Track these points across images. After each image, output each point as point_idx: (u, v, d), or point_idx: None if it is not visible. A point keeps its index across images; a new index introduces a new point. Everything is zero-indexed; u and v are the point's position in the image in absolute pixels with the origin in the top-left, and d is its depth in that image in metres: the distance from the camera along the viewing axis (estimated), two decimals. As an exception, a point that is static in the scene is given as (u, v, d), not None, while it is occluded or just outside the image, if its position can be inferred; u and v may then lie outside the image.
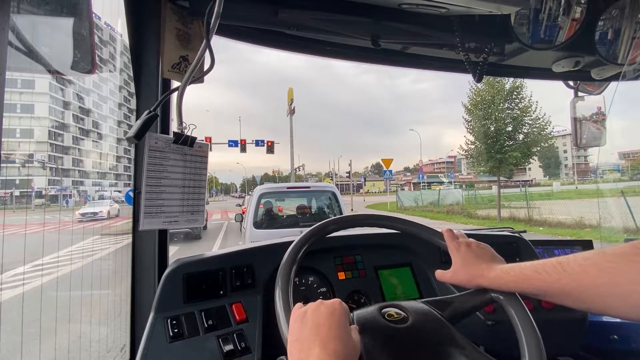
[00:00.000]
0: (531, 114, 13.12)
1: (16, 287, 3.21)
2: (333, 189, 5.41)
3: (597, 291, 0.43)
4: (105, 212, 8.20)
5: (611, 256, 0.43)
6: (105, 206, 8.65)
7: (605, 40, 1.00)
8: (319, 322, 0.44)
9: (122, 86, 9.03)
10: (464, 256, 0.62)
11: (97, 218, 7.82)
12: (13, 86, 0.58)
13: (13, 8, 0.55)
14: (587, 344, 1.07)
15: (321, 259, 0.99)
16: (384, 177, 24.01)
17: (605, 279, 0.42)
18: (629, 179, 33.66)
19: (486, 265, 0.59)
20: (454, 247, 0.64)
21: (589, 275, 0.44)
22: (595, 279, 0.43)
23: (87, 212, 7.99)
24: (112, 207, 8.72)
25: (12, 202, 6.31)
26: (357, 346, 0.45)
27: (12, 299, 2.90)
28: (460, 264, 0.62)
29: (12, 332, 1.75)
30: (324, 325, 0.43)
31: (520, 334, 0.52)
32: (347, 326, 0.45)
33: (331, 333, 0.42)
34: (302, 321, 0.45)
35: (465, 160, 42.15)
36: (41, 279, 3.25)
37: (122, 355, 1.11)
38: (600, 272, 0.43)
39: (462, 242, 0.65)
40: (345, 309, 0.47)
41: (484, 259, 0.60)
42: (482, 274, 0.58)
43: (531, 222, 11.83)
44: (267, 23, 0.90)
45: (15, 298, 2.90)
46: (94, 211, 8.10)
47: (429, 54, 1.14)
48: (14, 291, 3.14)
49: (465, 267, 0.61)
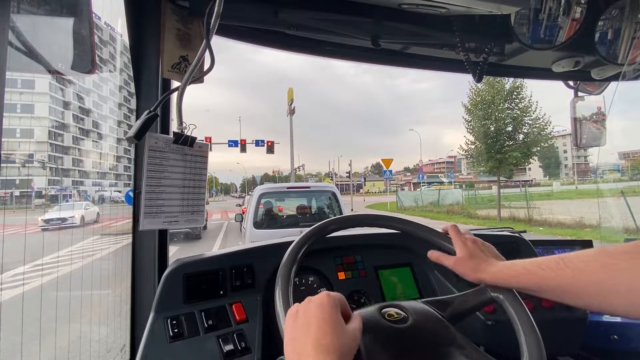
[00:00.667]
0: (531, 114, 13.13)
1: (16, 287, 3.21)
2: (333, 189, 5.42)
3: (598, 287, 0.43)
4: (78, 217, 6.55)
5: (614, 254, 0.43)
6: (78, 210, 6.94)
7: (605, 40, 1.00)
8: (309, 320, 0.43)
9: (122, 86, 9.04)
10: (469, 249, 0.63)
11: (66, 225, 6.18)
12: (13, 86, 0.58)
13: (13, 8, 0.55)
14: (587, 344, 1.07)
15: (321, 259, 0.99)
16: (384, 177, 24.02)
17: (607, 275, 0.42)
18: (629, 179, 33.66)
19: (488, 260, 0.60)
20: (460, 241, 0.65)
21: (590, 272, 0.44)
22: (596, 275, 0.43)
23: (53, 218, 6.18)
24: (89, 210, 7.10)
25: (12, 202, 6.31)
26: (355, 335, 0.43)
27: (12, 298, 2.90)
28: (465, 255, 0.63)
29: (12, 332, 1.75)
30: (314, 323, 0.42)
31: (520, 334, 0.52)
32: (337, 318, 0.43)
33: (322, 329, 0.41)
34: (294, 320, 0.45)
35: (465, 160, 42.17)
36: (41, 279, 3.25)
37: (122, 355, 1.11)
38: (602, 268, 0.43)
39: (468, 238, 0.66)
40: (335, 299, 0.45)
41: (487, 255, 0.62)
42: (484, 268, 0.59)
43: (531, 222, 11.84)
44: (267, 23, 0.90)
45: (16, 297, 2.90)
46: (61, 217, 6.31)
47: (429, 54, 1.14)
48: (14, 291, 3.14)
49: (469, 259, 0.62)
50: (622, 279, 0.41)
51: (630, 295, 0.40)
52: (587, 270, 0.44)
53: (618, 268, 0.42)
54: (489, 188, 28.69)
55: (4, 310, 2.95)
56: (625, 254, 0.42)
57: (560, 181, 53.40)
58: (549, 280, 0.48)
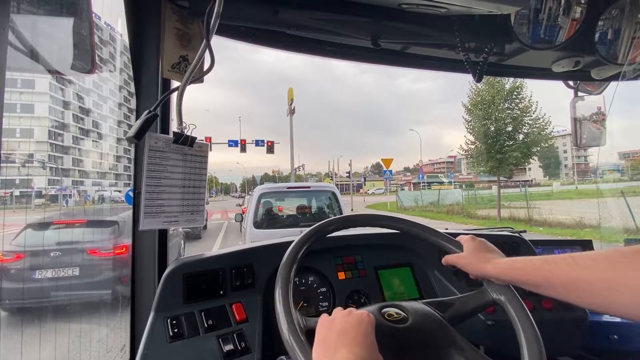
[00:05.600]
0: (531, 114, 13.12)
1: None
2: (333, 189, 5.41)
3: (604, 285, 0.43)
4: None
5: (625, 252, 0.43)
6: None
7: (605, 40, 1.00)
8: (347, 328, 0.46)
9: (122, 86, 9.03)
10: (475, 246, 0.65)
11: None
12: (13, 86, 0.57)
13: (13, 8, 0.55)
14: (587, 344, 1.07)
15: (321, 259, 0.99)
16: (384, 177, 24.01)
17: (615, 272, 0.42)
18: (628, 179, 33.64)
19: (493, 257, 0.61)
20: (467, 238, 0.67)
21: (598, 268, 0.44)
22: (604, 272, 0.43)
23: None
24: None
25: (12, 202, 6.31)
26: (380, 358, 0.46)
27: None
28: (470, 250, 0.64)
29: (12, 332, 1.75)
30: (351, 332, 0.45)
31: (520, 334, 0.52)
32: (372, 336, 0.46)
33: (357, 339, 0.44)
34: (330, 325, 0.48)
35: (465, 160, 42.18)
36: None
37: (122, 356, 1.11)
38: (611, 265, 0.43)
39: (477, 238, 0.68)
40: (372, 320, 0.49)
41: (492, 253, 0.63)
42: (488, 261, 0.60)
43: (531, 222, 11.83)
44: (267, 23, 0.90)
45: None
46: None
47: (429, 54, 1.14)
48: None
49: (474, 253, 0.63)
50: (630, 276, 0.41)
51: (636, 294, 0.40)
52: (597, 267, 0.44)
53: (627, 266, 0.42)
54: (489, 188, 28.67)
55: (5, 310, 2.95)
56: (637, 253, 0.41)
57: (560, 181, 53.38)
58: (554, 276, 0.48)
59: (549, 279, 0.49)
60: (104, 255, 3.89)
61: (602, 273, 0.44)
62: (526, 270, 0.53)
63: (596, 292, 0.44)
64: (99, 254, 3.89)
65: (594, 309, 0.47)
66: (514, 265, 0.56)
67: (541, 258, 0.52)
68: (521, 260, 0.55)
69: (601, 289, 0.44)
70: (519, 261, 0.56)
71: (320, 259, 0.99)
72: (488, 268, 0.59)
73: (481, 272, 0.61)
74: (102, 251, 3.91)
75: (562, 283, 0.48)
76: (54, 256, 3.69)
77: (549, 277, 0.49)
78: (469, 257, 0.63)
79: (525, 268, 0.53)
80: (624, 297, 0.41)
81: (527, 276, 0.53)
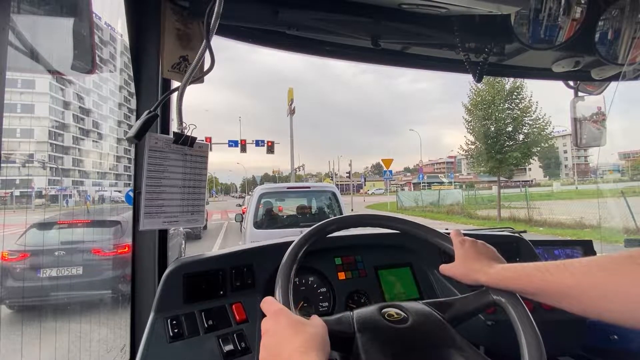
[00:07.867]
0: (531, 114, 13.11)
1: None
2: (333, 189, 5.41)
3: (598, 292, 0.43)
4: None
5: (617, 258, 0.43)
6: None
7: (605, 40, 1.00)
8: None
9: (122, 86, 9.01)
10: (466, 251, 0.62)
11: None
12: (13, 86, 0.58)
13: (13, 8, 0.55)
14: (587, 344, 1.07)
15: (321, 259, 0.99)
16: (384, 178, 24.02)
17: (608, 278, 0.42)
18: (629, 179, 33.64)
19: (487, 262, 0.59)
20: (459, 243, 0.65)
21: (591, 275, 0.44)
22: (597, 279, 0.43)
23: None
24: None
25: (12, 202, 6.30)
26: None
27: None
28: (461, 258, 0.62)
29: (13, 331, 1.75)
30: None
31: (520, 334, 0.52)
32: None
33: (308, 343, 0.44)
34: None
35: (465, 160, 42.15)
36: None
37: (122, 356, 1.11)
38: (604, 272, 0.43)
39: (468, 239, 0.65)
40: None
41: (486, 257, 0.61)
42: (481, 270, 0.58)
43: (531, 222, 11.83)
44: (267, 23, 0.90)
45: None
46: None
47: (429, 54, 1.14)
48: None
49: (465, 262, 0.61)
50: (622, 282, 0.41)
51: (626, 300, 0.40)
52: (589, 273, 0.44)
53: (619, 272, 0.41)
54: (489, 188, 28.67)
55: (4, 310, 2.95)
56: (629, 257, 0.41)
57: (560, 181, 53.36)
58: (547, 284, 0.48)
59: (545, 287, 0.49)
60: (107, 254, 3.94)
61: (593, 280, 0.43)
62: (519, 279, 0.53)
63: (589, 300, 0.44)
64: (103, 254, 3.95)
65: (587, 315, 0.47)
66: (508, 275, 0.55)
67: (534, 266, 0.51)
68: (512, 269, 0.55)
69: (593, 297, 0.43)
70: (512, 270, 0.55)
71: (320, 259, 0.99)
72: (482, 279, 0.58)
73: (473, 282, 0.60)
74: (106, 250, 3.96)
75: (555, 291, 0.48)
76: (58, 255, 3.73)
77: (542, 285, 0.49)
78: (460, 267, 0.62)
79: (519, 278, 0.53)
80: (615, 303, 0.41)
81: (522, 285, 0.53)
